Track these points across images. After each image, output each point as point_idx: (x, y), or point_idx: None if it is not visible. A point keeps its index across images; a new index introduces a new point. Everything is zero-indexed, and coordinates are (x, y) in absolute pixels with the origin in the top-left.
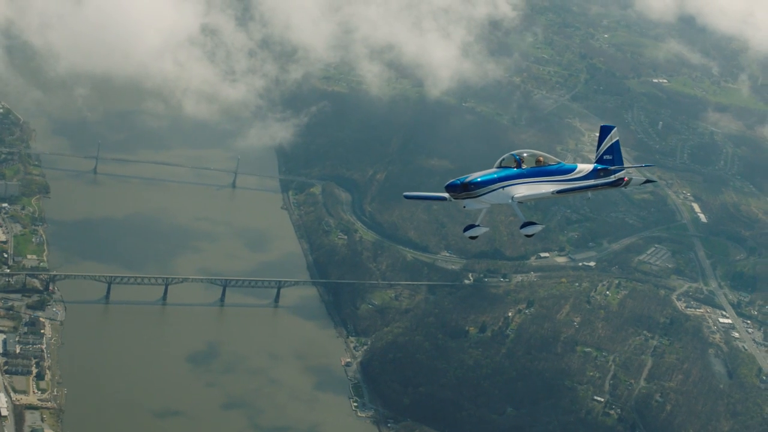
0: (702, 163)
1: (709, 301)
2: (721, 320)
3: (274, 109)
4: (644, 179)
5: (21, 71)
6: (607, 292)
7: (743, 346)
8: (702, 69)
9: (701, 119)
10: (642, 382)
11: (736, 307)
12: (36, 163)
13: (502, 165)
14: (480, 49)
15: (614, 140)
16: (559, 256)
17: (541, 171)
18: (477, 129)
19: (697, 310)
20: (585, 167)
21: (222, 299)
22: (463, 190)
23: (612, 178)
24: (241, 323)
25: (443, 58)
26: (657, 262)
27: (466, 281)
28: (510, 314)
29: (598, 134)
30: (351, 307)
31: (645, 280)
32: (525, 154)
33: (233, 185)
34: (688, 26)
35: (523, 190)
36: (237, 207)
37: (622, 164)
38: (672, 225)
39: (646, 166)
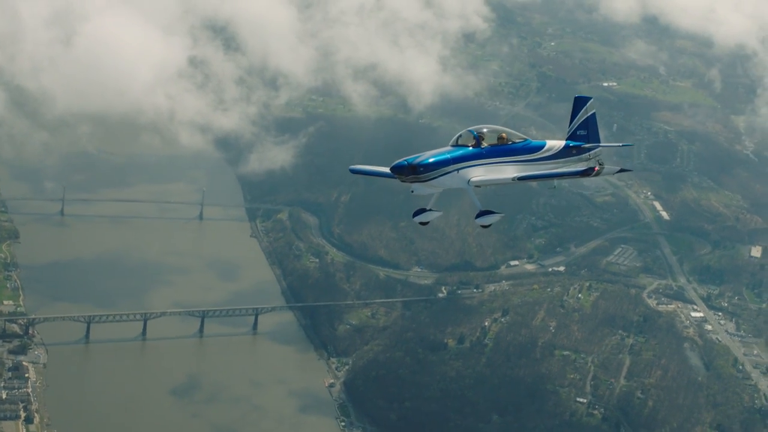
0: (659, 162)
1: (680, 296)
2: (693, 314)
3: (265, 136)
4: (618, 168)
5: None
6: (579, 295)
7: (717, 338)
8: (650, 70)
9: (654, 119)
10: (622, 381)
11: (706, 300)
12: (2, 209)
13: (459, 143)
14: (459, 62)
15: (590, 113)
16: (529, 263)
17: (503, 150)
18: (435, 144)
19: (669, 306)
20: (555, 144)
21: (201, 330)
22: (411, 172)
23: (582, 166)
24: (222, 353)
25: (424, 73)
26: (625, 262)
27: (440, 295)
28: (486, 324)
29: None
30: (329, 329)
31: (615, 281)
32: (485, 130)
33: (200, 217)
34: (653, 26)
35: (481, 172)
36: (206, 239)
37: (599, 141)
38: (636, 225)
39: (624, 145)
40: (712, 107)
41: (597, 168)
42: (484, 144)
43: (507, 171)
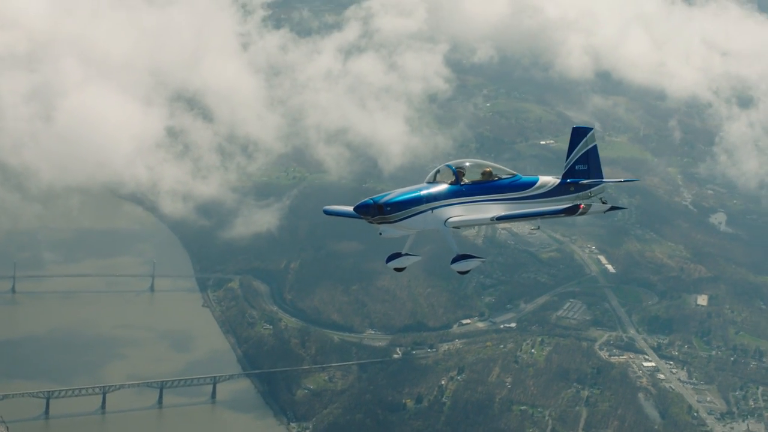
0: (600, 216)
1: (630, 347)
2: (645, 364)
3: (244, 202)
4: (608, 206)
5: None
6: (533, 350)
7: (670, 387)
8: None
9: None
10: None
11: (657, 350)
12: None
13: (436, 180)
14: (427, 123)
15: (591, 145)
16: (480, 321)
17: (487, 187)
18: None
19: (621, 357)
20: (549, 181)
21: (160, 401)
22: (377, 212)
23: (564, 205)
24: (182, 423)
25: (392, 135)
26: (574, 316)
27: (395, 356)
28: (443, 382)
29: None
30: (288, 394)
31: (566, 335)
32: (467, 164)
33: (151, 289)
34: (607, 82)
35: (459, 212)
36: (158, 310)
37: (602, 176)
38: (582, 279)
39: (629, 180)
40: (649, 161)
41: (583, 206)
42: (465, 180)
43: (491, 210)
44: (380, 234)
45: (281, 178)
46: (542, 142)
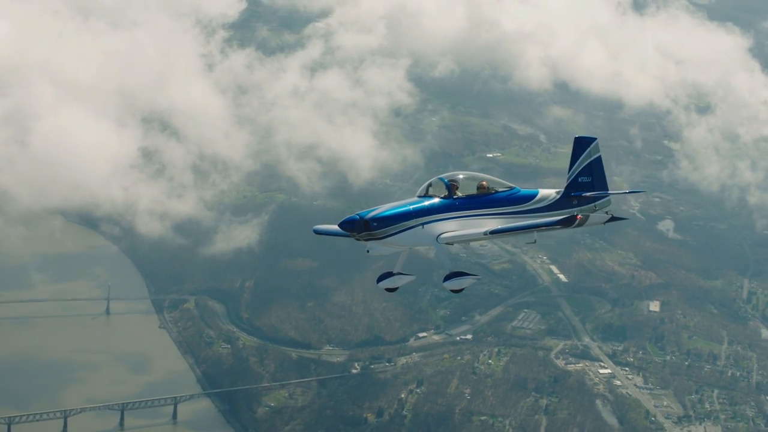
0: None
1: (586, 355)
2: (601, 371)
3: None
4: (608, 217)
5: None
6: (490, 361)
7: (627, 393)
8: (531, 138)
9: (540, 186)
10: None
11: (612, 357)
12: None
13: (428, 194)
14: (395, 137)
15: (595, 156)
16: (436, 334)
17: (483, 201)
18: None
19: (577, 365)
20: (550, 194)
21: (121, 424)
22: (363, 228)
23: (561, 215)
24: None
25: (362, 149)
26: (530, 326)
27: (354, 371)
28: (403, 396)
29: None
30: (249, 413)
31: (522, 345)
32: (460, 177)
33: (107, 312)
34: (565, 92)
35: (453, 227)
36: (114, 333)
37: (606, 188)
38: (536, 289)
39: (634, 192)
40: None
41: (580, 217)
42: (459, 194)
43: (486, 225)
44: (367, 251)
45: (249, 197)
46: (489, 155)
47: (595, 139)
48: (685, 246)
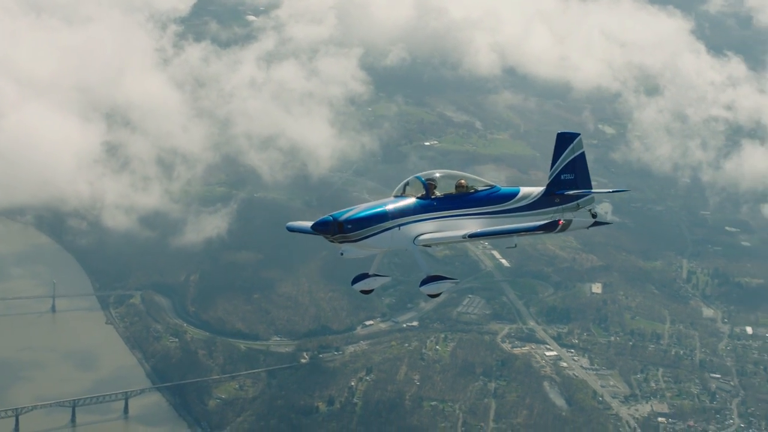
0: None
1: (531, 338)
2: (547, 354)
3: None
4: (591, 222)
5: None
6: (437, 347)
7: (573, 374)
8: (467, 126)
9: (478, 172)
10: (491, 424)
11: (557, 339)
12: None
13: (405, 193)
14: (353, 125)
15: (578, 152)
16: (383, 322)
17: (462, 200)
18: (270, 217)
19: (523, 348)
20: (531, 192)
21: (73, 420)
22: (337, 230)
23: (543, 220)
24: None
25: (321, 138)
26: (475, 311)
27: (303, 360)
28: (353, 384)
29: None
30: (200, 405)
31: (468, 330)
32: (437, 175)
33: (53, 309)
34: (514, 78)
35: (431, 228)
36: (61, 331)
37: (590, 186)
38: (479, 275)
39: (618, 191)
40: (531, 156)
41: (562, 222)
42: (437, 193)
43: (465, 226)
44: (341, 254)
45: (211, 189)
46: (426, 143)
47: (578, 134)
48: (624, 228)
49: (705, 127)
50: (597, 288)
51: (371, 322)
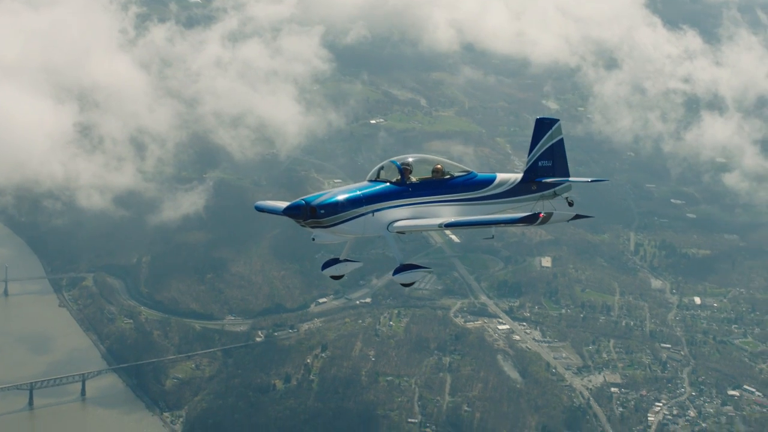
0: None
1: (484, 312)
2: (500, 327)
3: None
4: (572, 215)
5: None
6: (391, 323)
7: (526, 347)
8: (412, 103)
9: (425, 149)
10: (447, 398)
11: (509, 313)
12: None
13: (379, 178)
14: (319, 102)
15: (556, 139)
16: (336, 299)
17: (437, 186)
18: (223, 197)
19: (476, 322)
20: (508, 178)
21: (30, 403)
22: (309, 215)
23: (523, 211)
24: (55, 423)
25: (288, 115)
26: (426, 287)
27: (258, 339)
28: (308, 361)
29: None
30: (157, 385)
31: (421, 305)
32: (410, 160)
33: (5, 293)
34: (473, 53)
35: (405, 214)
36: (14, 315)
37: (568, 174)
38: (429, 251)
39: (597, 180)
40: (478, 132)
41: (543, 215)
42: (412, 178)
43: (441, 213)
44: (313, 239)
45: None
46: (372, 121)
47: (558, 120)
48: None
49: (664, 99)
50: (547, 262)
51: (324, 299)
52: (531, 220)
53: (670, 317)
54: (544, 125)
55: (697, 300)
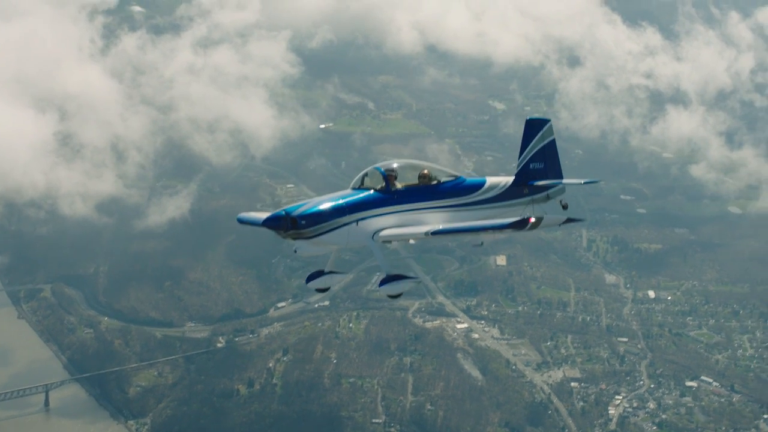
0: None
1: (441, 312)
2: (458, 326)
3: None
4: (563, 218)
5: None
6: (350, 325)
7: (485, 345)
8: (359, 107)
9: (376, 152)
10: (410, 397)
11: (467, 311)
12: None
13: (363, 185)
14: (293, 106)
15: (548, 140)
16: (294, 303)
17: (424, 192)
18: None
19: (434, 322)
20: (499, 182)
21: None
22: (290, 226)
23: (513, 216)
24: None
25: (261, 119)
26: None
27: (219, 345)
28: (270, 365)
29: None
30: (120, 394)
31: (379, 307)
32: (395, 165)
33: None
34: (436, 55)
35: (391, 223)
36: None
37: (561, 176)
38: (384, 253)
39: (589, 182)
40: (425, 133)
41: (533, 220)
42: (398, 185)
43: (429, 219)
44: (295, 251)
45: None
46: (321, 126)
47: (549, 120)
48: None
49: (628, 95)
50: (502, 260)
51: (283, 303)
52: (521, 225)
53: (625, 311)
54: (534, 126)
55: (651, 294)
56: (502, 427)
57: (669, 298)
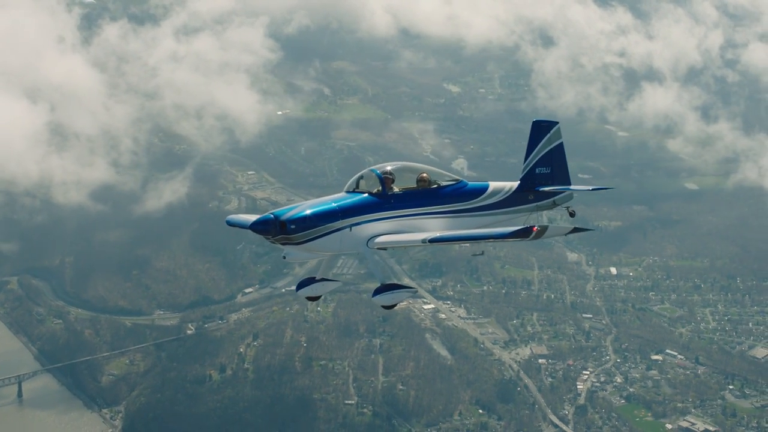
0: (350, 175)
1: None
2: (425, 307)
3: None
4: (570, 228)
5: None
6: (318, 309)
7: (453, 324)
8: (316, 93)
9: (335, 138)
10: (381, 378)
11: (433, 292)
12: None
13: (358, 189)
14: (276, 91)
15: (555, 143)
16: (261, 288)
17: (423, 196)
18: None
19: (401, 303)
20: (503, 187)
21: None
22: (279, 231)
23: (516, 225)
24: None
25: (247, 104)
26: (349, 272)
27: (189, 332)
28: (241, 350)
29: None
30: (93, 383)
31: (346, 290)
32: (389, 168)
33: None
34: (409, 38)
35: (387, 228)
36: None
37: (569, 182)
38: None
39: (598, 189)
40: (384, 118)
41: (537, 229)
42: (395, 189)
43: (427, 225)
44: (284, 257)
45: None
46: (279, 113)
47: (557, 123)
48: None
49: (603, 73)
50: None
51: (250, 289)
52: (524, 234)
53: (588, 288)
54: (541, 128)
55: (613, 270)
56: (473, 405)
57: (631, 274)
